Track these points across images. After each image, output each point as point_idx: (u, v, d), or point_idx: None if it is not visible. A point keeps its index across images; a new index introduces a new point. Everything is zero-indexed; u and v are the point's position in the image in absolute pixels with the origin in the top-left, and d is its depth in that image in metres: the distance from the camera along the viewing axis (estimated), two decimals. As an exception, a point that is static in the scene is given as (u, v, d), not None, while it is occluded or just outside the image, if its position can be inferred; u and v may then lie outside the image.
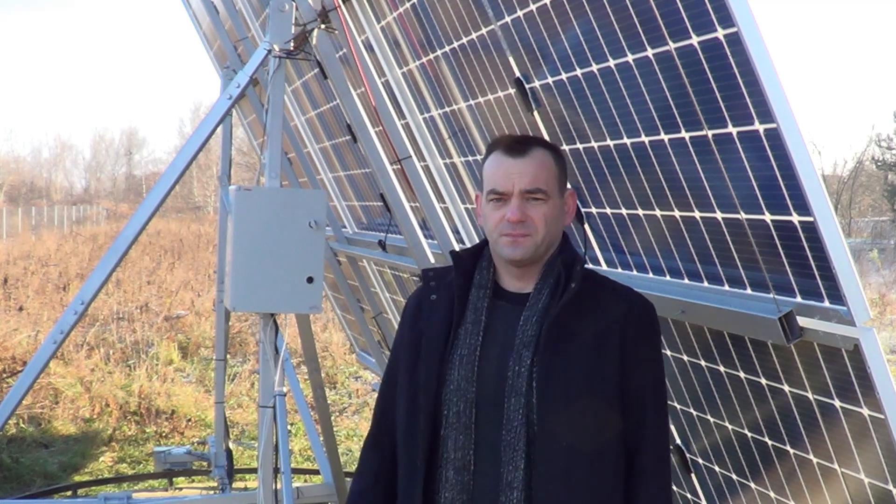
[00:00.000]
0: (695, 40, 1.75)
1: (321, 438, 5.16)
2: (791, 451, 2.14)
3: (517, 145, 1.97)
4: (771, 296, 1.92)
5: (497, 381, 1.92)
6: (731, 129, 1.78)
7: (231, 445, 6.44)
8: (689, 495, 2.74)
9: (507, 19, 2.43)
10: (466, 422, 1.91)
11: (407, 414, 2.01)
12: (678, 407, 2.58)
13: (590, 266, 2.41)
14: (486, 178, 2.00)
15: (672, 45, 1.83)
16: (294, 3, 3.39)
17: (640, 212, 2.27)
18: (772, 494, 2.29)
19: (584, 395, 1.88)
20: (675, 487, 2.81)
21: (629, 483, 1.94)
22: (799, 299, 1.86)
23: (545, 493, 1.86)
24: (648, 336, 1.98)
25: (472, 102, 2.93)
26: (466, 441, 1.91)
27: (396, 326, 5.65)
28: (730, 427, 2.36)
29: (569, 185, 2.07)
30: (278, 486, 3.38)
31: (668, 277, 2.31)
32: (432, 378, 1.96)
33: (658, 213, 2.19)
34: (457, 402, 1.92)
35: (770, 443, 2.21)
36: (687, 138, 1.93)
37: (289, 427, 4.82)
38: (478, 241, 2.39)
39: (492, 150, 2.01)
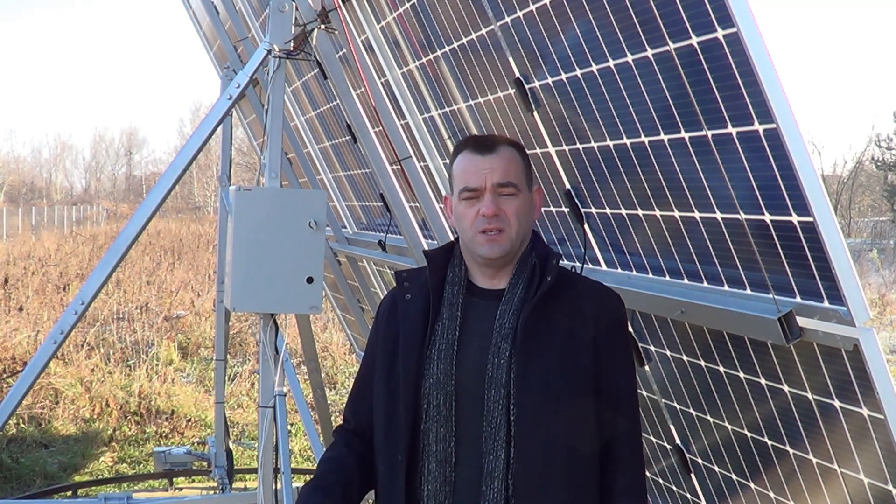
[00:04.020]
0: (694, 40, 1.75)
1: (321, 438, 5.16)
2: (791, 451, 2.14)
3: (485, 143, 2.05)
4: (770, 296, 1.92)
5: (476, 373, 1.96)
6: (731, 130, 1.78)
7: (231, 445, 6.44)
8: (688, 495, 2.74)
9: (507, 19, 2.43)
10: (447, 414, 1.95)
11: (386, 410, 2.03)
12: (678, 407, 2.58)
13: (564, 263, 2.42)
14: (456, 177, 2.06)
15: (672, 46, 1.83)
16: (294, 3, 3.39)
17: (640, 212, 2.27)
18: (771, 494, 2.30)
19: (561, 386, 1.94)
20: (674, 487, 2.81)
21: (605, 471, 2.00)
22: (798, 299, 1.86)
23: (525, 482, 1.90)
24: (620, 328, 2.05)
25: (471, 103, 2.93)
26: (447, 433, 1.95)
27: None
28: (729, 427, 2.36)
29: (538, 183, 2.14)
30: (278, 486, 3.38)
31: (667, 278, 2.31)
32: (411, 373, 1.99)
33: (658, 213, 2.19)
34: (436, 396, 1.96)
35: (770, 443, 2.21)
36: (686, 138, 1.94)
37: (289, 427, 4.82)
38: None
39: (459, 151, 2.07)
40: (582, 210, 2.57)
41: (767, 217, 1.82)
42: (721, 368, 2.27)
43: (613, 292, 2.10)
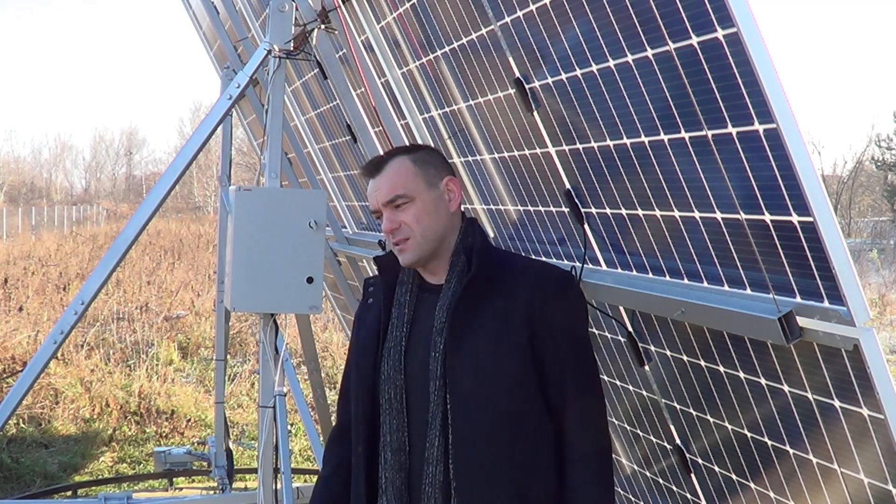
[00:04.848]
0: (694, 40, 1.75)
1: (321, 438, 5.16)
2: (791, 451, 2.14)
3: (371, 167, 2.20)
4: (770, 296, 1.92)
5: (422, 367, 2.10)
6: (731, 130, 1.78)
7: (231, 445, 6.44)
8: (688, 495, 2.74)
9: (507, 19, 2.43)
10: (398, 406, 2.10)
11: (353, 407, 2.22)
12: (678, 407, 2.58)
13: (499, 248, 2.46)
14: None
15: (671, 46, 1.83)
16: (294, 3, 3.39)
17: (640, 212, 2.27)
18: (771, 494, 2.30)
19: (494, 367, 2.04)
20: (674, 487, 2.81)
21: (559, 451, 2.09)
22: (798, 299, 1.86)
23: (464, 464, 2.03)
24: (560, 305, 2.10)
25: (471, 103, 2.93)
26: (399, 424, 2.10)
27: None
28: (729, 427, 2.36)
29: (451, 175, 2.22)
30: (278, 486, 3.38)
31: (667, 278, 2.31)
32: (367, 371, 2.16)
33: (658, 213, 2.19)
34: (388, 390, 2.12)
35: (770, 443, 2.21)
36: (686, 138, 1.94)
37: (289, 427, 4.82)
38: None
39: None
40: (582, 210, 2.57)
41: (767, 217, 1.82)
42: (721, 368, 2.27)
43: (557, 272, 2.16)
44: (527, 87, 2.51)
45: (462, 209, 2.28)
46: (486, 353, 2.05)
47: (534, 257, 2.24)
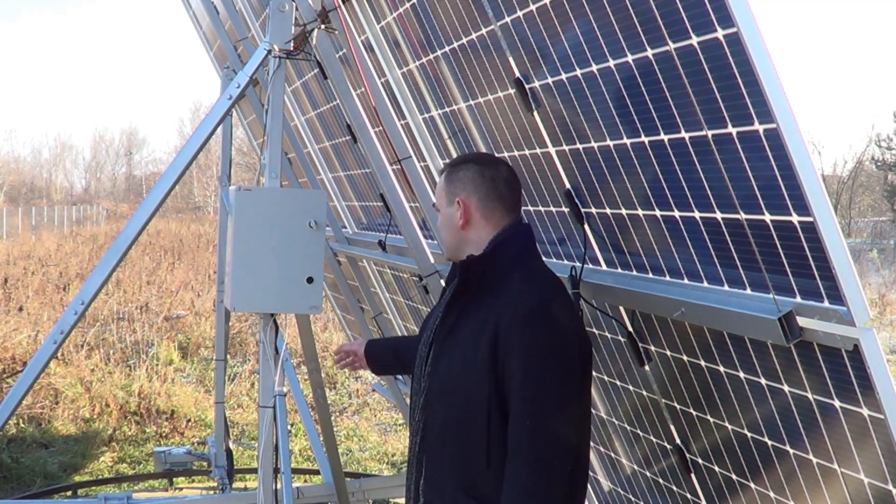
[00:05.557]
0: (694, 40, 1.75)
1: (321, 438, 5.16)
2: (791, 451, 2.14)
3: (440, 172, 2.47)
4: (770, 296, 1.92)
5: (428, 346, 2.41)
6: (731, 130, 1.78)
7: (231, 445, 6.44)
8: (688, 495, 2.74)
9: (507, 19, 2.43)
10: (418, 376, 2.41)
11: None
12: (678, 407, 2.58)
13: (509, 260, 2.46)
14: None
15: (672, 46, 1.83)
16: (294, 3, 3.39)
17: (640, 212, 2.27)
18: (771, 494, 2.30)
19: (459, 373, 2.27)
20: (674, 487, 2.81)
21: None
22: (798, 299, 1.86)
23: (429, 445, 2.34)
24: (522, 328, 2.19)
25: (471, 102, 2.93)
26: (417, 401, 2.40)
27: (396, 327, 5.64)
28: (729, 427, 2.36)
29: (468, 195, 2.36)
30: (278, 486, 3.38)
31: (667, 278, 2.31)
32: (420, 353, 2.45)
33: (658, 213, 2.19)
34: (416, 372, 2.44)
35: (770, 443, 2.21)
36: (686, 138, 1.94)
37: (289, 427, 4.82)
38: None
39: None
40: (582, 210, 2.57)
41: (767, 217, 1.82)
42: (721, 368, 2.27)
43: (532, 297, 2.23)
44: (527, 87, 2.51)
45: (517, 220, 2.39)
46: (456, 358, 2.29)
47: (532, 277, 2.27)
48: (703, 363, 2.34)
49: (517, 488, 2.14)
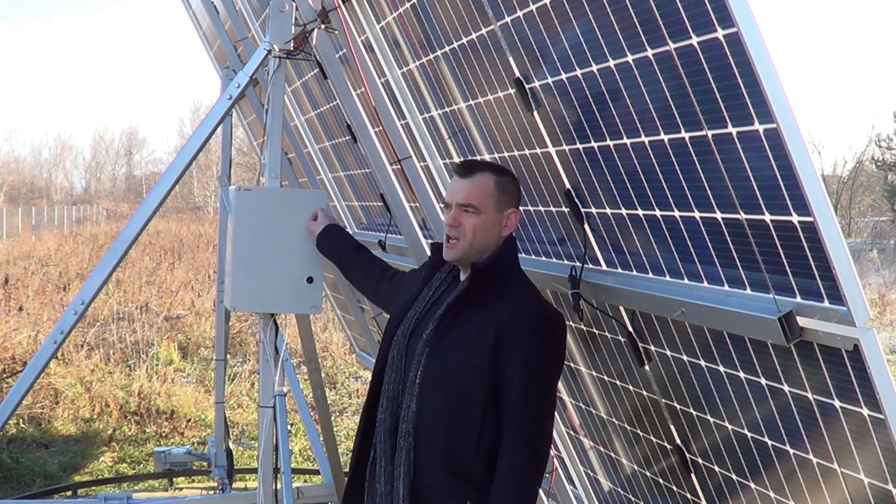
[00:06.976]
0: (694, 40, 1.75)
1: (321, 438, 5.16)
2: (791, 451, 2.14)
3: (463, 169, 2.52)
4: (771, 296, 1.92)
5: (420, 340, 2.49)
6: (731, 130, 1.78)
7: (231, 445, 6.44)
8: (688, 495, 2.74)
9: (507, 19, 2.43)
10: (398, 364, 2.52)
11: (379, 349, 2.68)
12: (678, 407, 2.58)
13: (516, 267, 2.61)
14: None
15: (672, 46, 1.83)
16: (294, 3, 3.39)
17: (640, 212, 2.27)
18: (772, 494, 2.30)
19: (456, 366, 2.39)
20: (674, 487, 2.81)
21: (496, 468, 2.38)
22: (799, 299, 1.86)
23: (421, 430, 2.43)
24: (527, 335, 2.38)
25: (471, 102, 2.93)
26: (397, 377, 2.52)
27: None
28: (729, 427, 2.36)
29: (516, 208, 2.52)
30: (278, 486, 3.38)
31: (667, 278, 2.31)
32: (392, 328, 2.61)
33: (658, 213, 2.19)
34: (394, 349, 2.55)
35: (770, 443, 2.21)
36: (686, 138, 1.94)
37: (289, 427, 4.82)
38: None
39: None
40: (582, 210, 2.57)
41: (767, 217, 1.82)
42: (721, 368, 2.27)
43: (539, 308, 2.45)
44: (527, 87, 2.51)
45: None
46: (455, 352, 2.41)
47: (528, 285, 2.54)
48: (703, 363, 2.34)
49: (517, 472, 2.36)
